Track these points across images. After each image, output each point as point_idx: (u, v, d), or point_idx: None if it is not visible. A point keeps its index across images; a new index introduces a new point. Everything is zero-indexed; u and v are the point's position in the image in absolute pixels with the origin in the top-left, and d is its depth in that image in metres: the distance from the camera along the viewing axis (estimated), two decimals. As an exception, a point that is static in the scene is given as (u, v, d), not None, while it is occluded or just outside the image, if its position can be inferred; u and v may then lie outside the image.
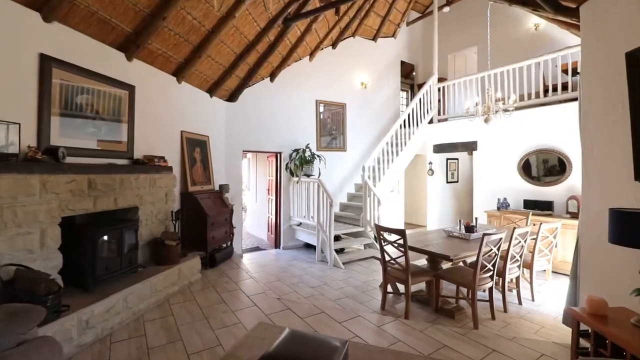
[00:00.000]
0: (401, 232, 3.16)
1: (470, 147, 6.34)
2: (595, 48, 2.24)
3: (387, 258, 3.38)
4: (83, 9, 2.85)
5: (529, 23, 6.51)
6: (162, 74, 4.05)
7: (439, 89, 7.08)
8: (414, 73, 9.27)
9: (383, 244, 3.40)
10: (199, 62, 4.29)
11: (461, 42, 7.85)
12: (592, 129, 2.23)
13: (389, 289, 3.67)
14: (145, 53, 3.66)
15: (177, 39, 3.79)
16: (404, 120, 6.56)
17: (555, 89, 5.34)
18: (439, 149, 6.89)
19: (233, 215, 5.14)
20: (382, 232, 3.41)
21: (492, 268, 3.21)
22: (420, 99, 6.79)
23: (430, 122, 7.02)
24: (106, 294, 2.63)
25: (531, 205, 5.25)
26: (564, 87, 5.21)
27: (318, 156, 6.09)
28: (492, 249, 3.15)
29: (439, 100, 7.12)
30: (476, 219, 4.04)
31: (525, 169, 5.47)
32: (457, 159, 7.67)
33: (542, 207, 5.11)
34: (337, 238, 5.64)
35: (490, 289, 3.27)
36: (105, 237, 2.86)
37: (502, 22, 7.01)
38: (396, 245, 3.24)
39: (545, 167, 5.29)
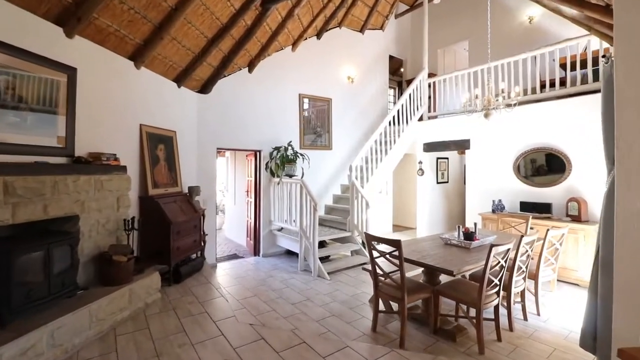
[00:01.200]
0: (396, 243, 2.70)
1: (462, 145, 5.98)
2: (636, 25, 1.82)
3: (378, 271, 2.93)
4: (-1, -34, 2.25)
5: (523, 16, 6.21)
6: (116, 56, 3.44)
7: (429, 85, 6.70)
8: (402, 69, 8.91)
9: (374, 255, 2.93)
10: (162, 45, 3.71)
11: (452, 36, 7.51)
12: (634, 120, 1.81)
13: (381, 305, 3.22)
14: (91, 30, 3.06)
15: (131, 14, 3.20)
16: (393, 117, 6.13)
17: (552, 85, 5.03)
18: (430, 147, 6.50)
19: (205, 221, 4.57)
20: (372, 242, 2.94)
21: (498, 283, 2.80)
22: (410, 95, 6.38)
23: (420, 119, 6.63)
24: (24, 330, 2.04)
25: (528, 207, 4.92)
26: (562, 82, 4.91)
27: (301, 155, 5.58)
28: (499, 262, 2.74)
29: (429, 97, 6.74)
30: (475, 224, 3.63)
31: (521, 169, 5.13)
32: (447, 158, 7.31)
33: (540, 209, 4.78)
34: (321, 244, 5.15)
35: (496, 306, 2.86)
36: (27, 256, 2.26)
37: (495, 15, 6.66)
38: (388, 255, 2.79)
39: (535, 166, 4.98)
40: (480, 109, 3.83)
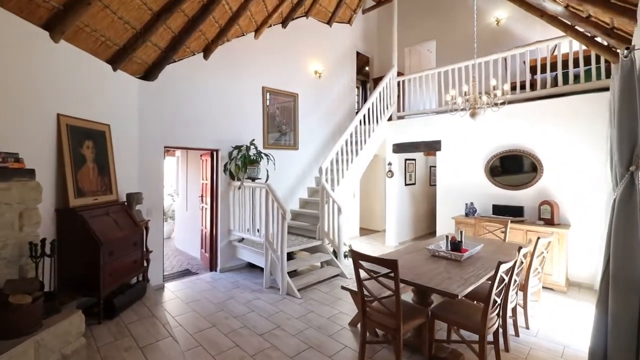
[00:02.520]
0: (392, 264, 2.26)
1: (433, 146, 5.79)
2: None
3: (366, 295, 2.47)
4: None
5: (491, 17, 6.20)
6: (21, 22, 2.57)
7: (398, 84, 6.45)
8: (366, 68, 8.63)
9: (361, 274, 2.47)
10: (90, 13, 2.89)
11: (418, 35, 7.37)
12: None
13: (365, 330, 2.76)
14: (-22, -20, 2.20)
15: (41, -35, 2.39)
16: (363, 116, 5.76)
17: (522, 87, 4.99)
18: (400, 148, 6.24)
19: (149, 235, 3.78)
20: (360, 262, 2.47)
21: (500, 302, 2.49)
22: (380, 93, 6.06)
23: (390, 119, 6.36)
24: None
25: (501, 210, 4.81)
26: (532, 85, 4.89)
27: (266, 155, 4.96)
28: (504, 280, 2.42)
29: (398, 96, 6.50)
30: (461, 232, 3.34)
31: (493, 171, 5.03)
32: (414, 159, 7.15)
33: (513, 212, 4.69)
34: (289, 256, 4.59)
35: (497, 329, 2.55)
36: None
37: (462, 15, 6.64)
38: (373, 273, 2.35)
39: (507, 168, 4.91)
40: (467, 108, 3.55)
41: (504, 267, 2.28)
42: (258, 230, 4.56)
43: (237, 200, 4.84)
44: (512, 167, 4.86)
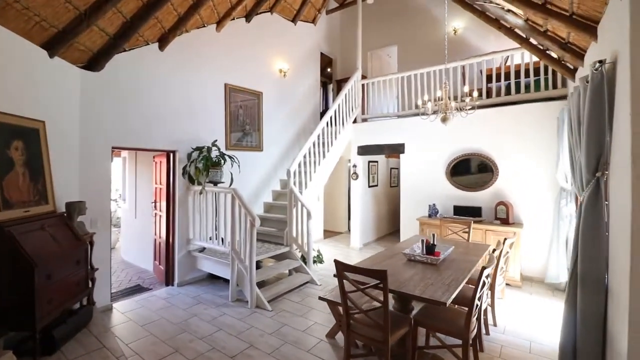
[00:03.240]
0: (380, 275, 2.15)
1: (397, 149, 5.89)
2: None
3: (350, 306, 2.35)
4: None
5: (448, 27, 6.48)
6: None
7: (362, 86, 6.47)
8: (328, 69, 8.59)
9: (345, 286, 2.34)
10: (18, -14, 2.40)
11: (381, 40, 7.51)
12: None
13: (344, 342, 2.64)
14: None
15: None
16: (330, 118, 5.68)
17: (480, 94, 5.27)
18: (364, 150, 6.27)
19: (94, 250, 3.27)
20: (345, 273, 2.34)
21: (480, 305, 2.53)
22: (345, 95, 6.03)
23: (354, 121, 6.36)
24: None
25: (462, 211, 5.03)
26: (488, 92, 5.18)
27: (230, 157, 4.62)
28: (485, 283, 2.46)
29: (362, 99, 6.53)
30: (433, 235, 3.38)
31: (453, 173, 5.25)
32: (377, 161, 7.25)
33: (472, 213, 4.93)
34: (257, 265, 4.32)
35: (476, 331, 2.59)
36: None
37: (421, 24, 6.89)
38: (358, 283, 2.24)
39: (466, 171, 5.16)
40: (439, 112, 3.61)
41: (486, 272, 2.30)
42: (222, 239, 4.22)
43: (198, 207, 4.45)
44: (471, 169, 5.10)
